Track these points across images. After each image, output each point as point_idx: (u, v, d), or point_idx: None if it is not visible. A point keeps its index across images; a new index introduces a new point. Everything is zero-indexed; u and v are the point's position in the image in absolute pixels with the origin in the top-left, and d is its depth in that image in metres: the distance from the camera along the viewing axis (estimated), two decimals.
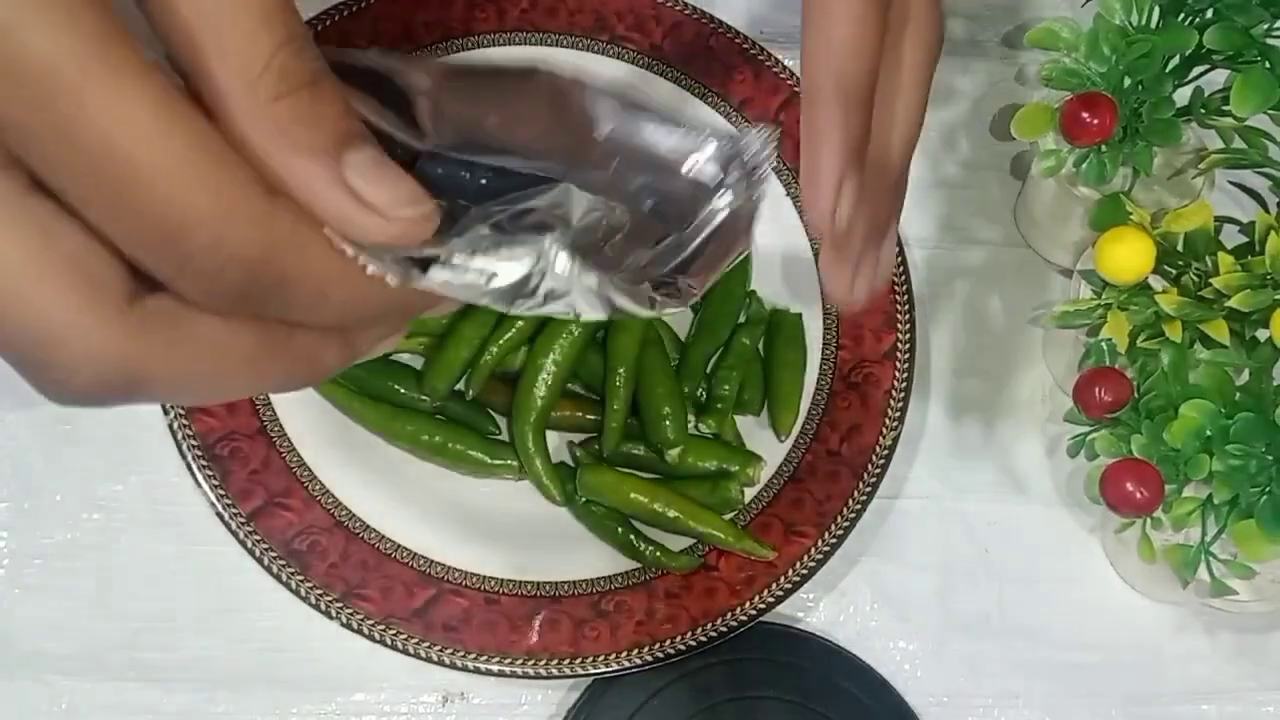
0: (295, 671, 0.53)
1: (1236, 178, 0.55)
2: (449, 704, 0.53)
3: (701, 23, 0.61)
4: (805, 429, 0.57)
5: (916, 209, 0.64)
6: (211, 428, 0.53)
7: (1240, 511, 0.46)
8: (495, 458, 0.55)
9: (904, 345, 0.58)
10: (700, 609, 0.53)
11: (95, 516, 0.53)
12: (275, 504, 0.52)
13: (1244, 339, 0.49)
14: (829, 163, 0.36)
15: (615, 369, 0.55)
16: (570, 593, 0.53)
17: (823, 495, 0.55)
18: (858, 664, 0.54)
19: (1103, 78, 0.52)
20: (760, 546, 0.53)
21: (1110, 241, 0.50)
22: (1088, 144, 0.52)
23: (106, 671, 0.52)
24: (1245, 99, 0.47)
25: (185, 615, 0.53)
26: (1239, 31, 0.48)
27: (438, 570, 0.53)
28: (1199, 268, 0.50)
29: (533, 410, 0.54)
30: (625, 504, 0.54)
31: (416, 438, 0.54)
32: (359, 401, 0.54)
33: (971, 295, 0.63)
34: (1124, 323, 0.50)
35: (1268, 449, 0.46)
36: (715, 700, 0.52)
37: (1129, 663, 0.57)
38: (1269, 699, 0.57)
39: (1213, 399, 0.47)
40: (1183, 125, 0.53)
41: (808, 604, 0.56)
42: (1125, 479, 0.46)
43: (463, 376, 0.55)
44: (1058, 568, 0.58)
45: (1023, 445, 0.60)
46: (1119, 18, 0.52)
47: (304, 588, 0.51)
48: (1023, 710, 0.56)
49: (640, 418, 0.55)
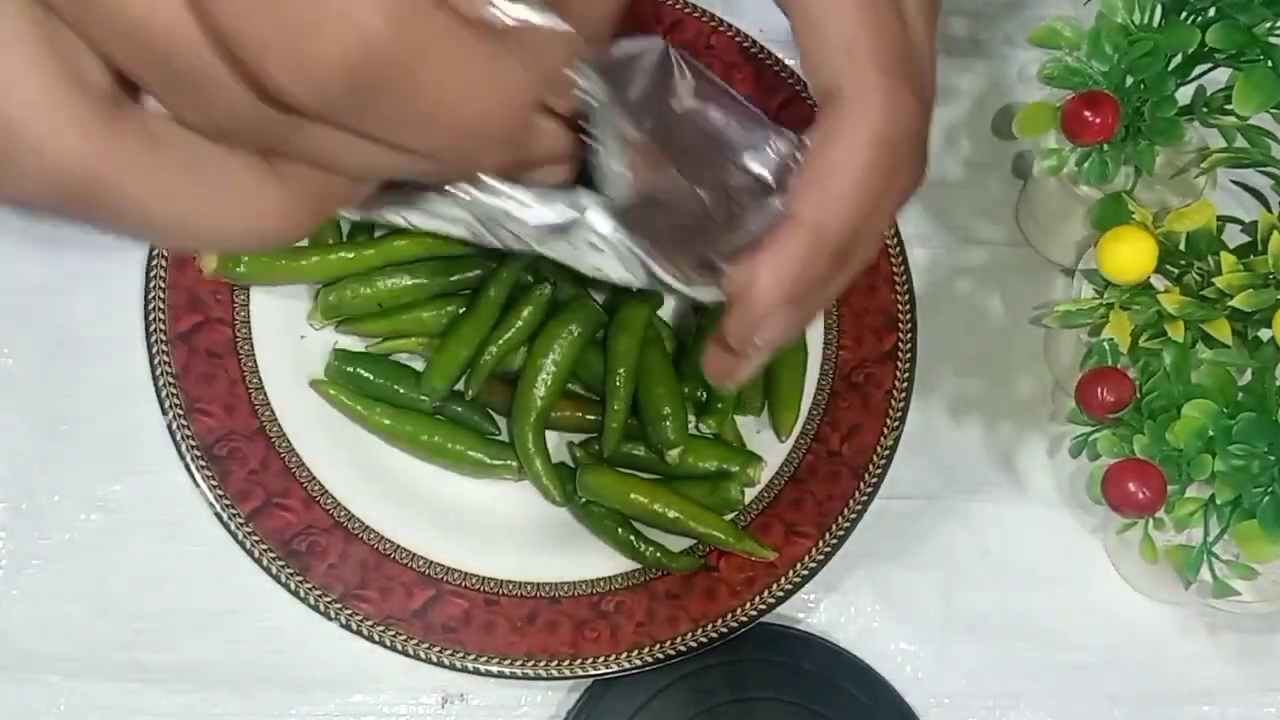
0: (295, 672, 0.52)
1: (1239, 177, 0.54)
2: (448, 705, 0.53)
3: (701, 21, 0.61)
4: (806, 429, 0.57)
5: (918, 208, 0.64)
6: (210, 428, 0.53)
7: (1243, 512, 0.46)
8: (495, 458, 0.55)
9: (905, 345, 0.57)
10: (700, 610, 0.53)
11: (94, 517, 0.53)
12: (274, 504, 0.52)
13: (1246, 339, 0.49)
14: (770, 292, 0.34)
15: (615, 369, 0.55)
16: (570, 593, 0.53)
17: (823, 495, 0.55)
18: (858, 664, 0.54)
19: (1105, 76, 0.52)
20: (761, 547, 0.53)
21: (1112, 241, 0.49)
22: (1090, 143, 0.52)
23: (106, 671, 0.51)
24: (1248, 98, 0.47)
25: (185, 616, 0.53)
26: (1241, 30, 0.48)
27: (437, 571, 0.53)
28: (1201, 267, 0.50)
29: (532, 410, 0.54)
30: (625, 505, 0.54)
31: (416, 438, 0.54)
32: (358, 402, 0.54)
33: (973, 295, 0.63)
34: (1126, 322, 0.50)
35: (1270, 449, 0.46)
36: (716, 701, 0.52)
37: (1131, 663, 0.57)
38: (1271, 700, 0.57)
39: (1215, 399, 0.47)
40: (1185, 124, 0.52)
41: (808, 604, 0.56)
42: (1127, 479, 0.46)
43: (462, 376, 0.55)
44: (1059, 568, 0.58)
45: (1024, 445, 0.60)
46: (1121, 16, 0.51)
47: (303, 588, 0.51)
48: (1024, 711, 0.56)
49: (640, 418, 0.55)
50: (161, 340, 0.53)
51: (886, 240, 0.59)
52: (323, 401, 0.55)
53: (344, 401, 0.54)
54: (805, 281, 0.34)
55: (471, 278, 0.56)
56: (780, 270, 0.33)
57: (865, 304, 0.58)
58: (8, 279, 0.56)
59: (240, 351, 0.54)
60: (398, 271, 0.55)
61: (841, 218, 0.33)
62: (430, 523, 0.54)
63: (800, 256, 0.33)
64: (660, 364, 0.56)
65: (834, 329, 0.58)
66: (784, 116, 0.60)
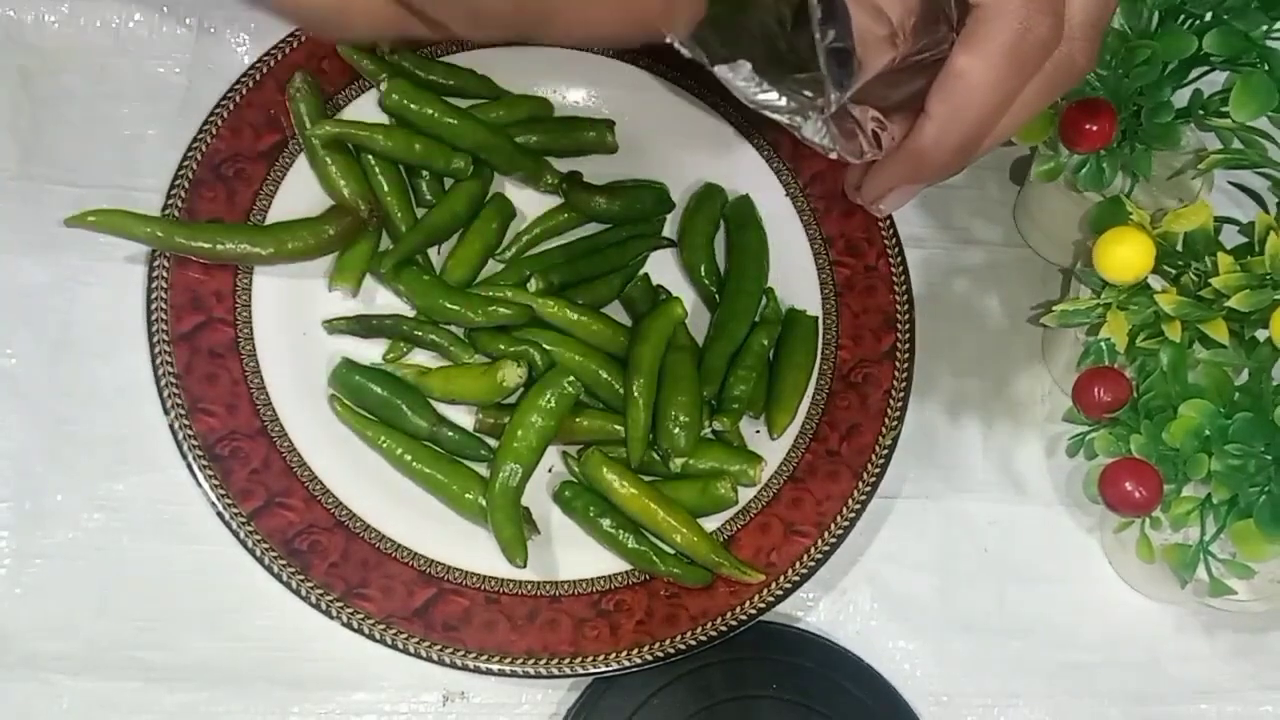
0: (295, 671, 0.53)
1: (1236, 178, 0.55)
2: (449, 703, 0.53)
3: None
4: (805, 428, 0.57)
5: (916, 209, 0.64)
6: (212, 427, 0.53)
7: (1239, 511, 0.47)
8: (466, 508, 0.54)
9: (903, 345, 0.58)
10: (700, 608, 0.53)
11: (96, 516, 0.53)
12: (276, 503, 0.52)
13: (1243, 339, 0.49)
14: (888, 177, 0.44)
15: (635, 378, 0.55)
16: (570, 592, 0.53)
17: (822, 495, 0.55)
18: (858, 663, 0.54)
19: (1102, 82, 0.53)
20: (743, 572, 0.53)
21: (1110, 241, 0.50)
22: (1087, 150, 0.52)
23: (109, 670, 0.52)
24: (1244, 104, 0.47)
25: (185, 615, 0.53)
26: (1238, 35, 0.48)
27: (438, 570, 0.53)
28: (1198, 268, 0.50)
29: (511, 477, 0.53)
30: (602, 529, 0.54)
31: (403, 460, 0.54)
32: (366, 427, 0.54)
33: (971, 295, 0.63)
34: (1123, 322, 0.50)
35: (1266, 449, 0.46)
36: (715, 700, 0.52)
37: (1128, 662, 0.57)
38: (1267, 698, 0.57)
39: (1212, 399, 0.47)
40: (1182, 127, 0.53)
41: (807, 603, 0.56)
42: (1124, 478, 0.46)
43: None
44: (1057, 567, 0.58)
45: (1022, 445, 0.60)
46: (1118, 22, 0.52)
47: (304, 587, 0.51)
48: (1022, 709, 0.56)
49: (654, 418, 0.55)
50: (163, 340, 0.53)
51: (885, 240, 0.59)
52: (324, 402, 0.55)
53: (345, 415, 0.55)
54: (925, 167, 0.41)
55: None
56: (901, 155, 0.41)
57: (864, 304, 0.59)
58: (10, 279, 0.56)
59: (242, 351, 0.54)
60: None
61: (963, 120, 0.39)
62: (431, 522, 0.54)
63: (924, 145, 0.40)
64: (686, 371, 0.56)
65: (833, 329, 0.59)
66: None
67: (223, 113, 0.57)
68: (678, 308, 0.57)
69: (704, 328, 0.59)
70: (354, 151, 0.58)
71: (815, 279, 0.60)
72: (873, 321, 0.58)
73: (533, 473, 0.53)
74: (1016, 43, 0.37)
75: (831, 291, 0.59)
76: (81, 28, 0.61)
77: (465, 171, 0.58)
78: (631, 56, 0.62)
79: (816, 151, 0.38)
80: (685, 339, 0.57)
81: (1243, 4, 0.48)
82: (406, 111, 0.57)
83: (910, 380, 0.57)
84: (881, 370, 0.57)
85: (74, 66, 0.60)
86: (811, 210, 0.60)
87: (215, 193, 0.56)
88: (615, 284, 0.59)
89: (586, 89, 0.62)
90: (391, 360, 0.56)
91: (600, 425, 0.56)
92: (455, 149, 0.57)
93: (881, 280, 0.59)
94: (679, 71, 0.62)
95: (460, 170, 0.57)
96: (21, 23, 0.60)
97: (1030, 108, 0.40)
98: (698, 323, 0.59)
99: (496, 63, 0.61)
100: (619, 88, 0.62)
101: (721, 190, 0.61)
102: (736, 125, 0.62)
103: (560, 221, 0.60)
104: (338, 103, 0.59)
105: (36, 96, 0.59)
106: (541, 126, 0.60)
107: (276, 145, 0.57)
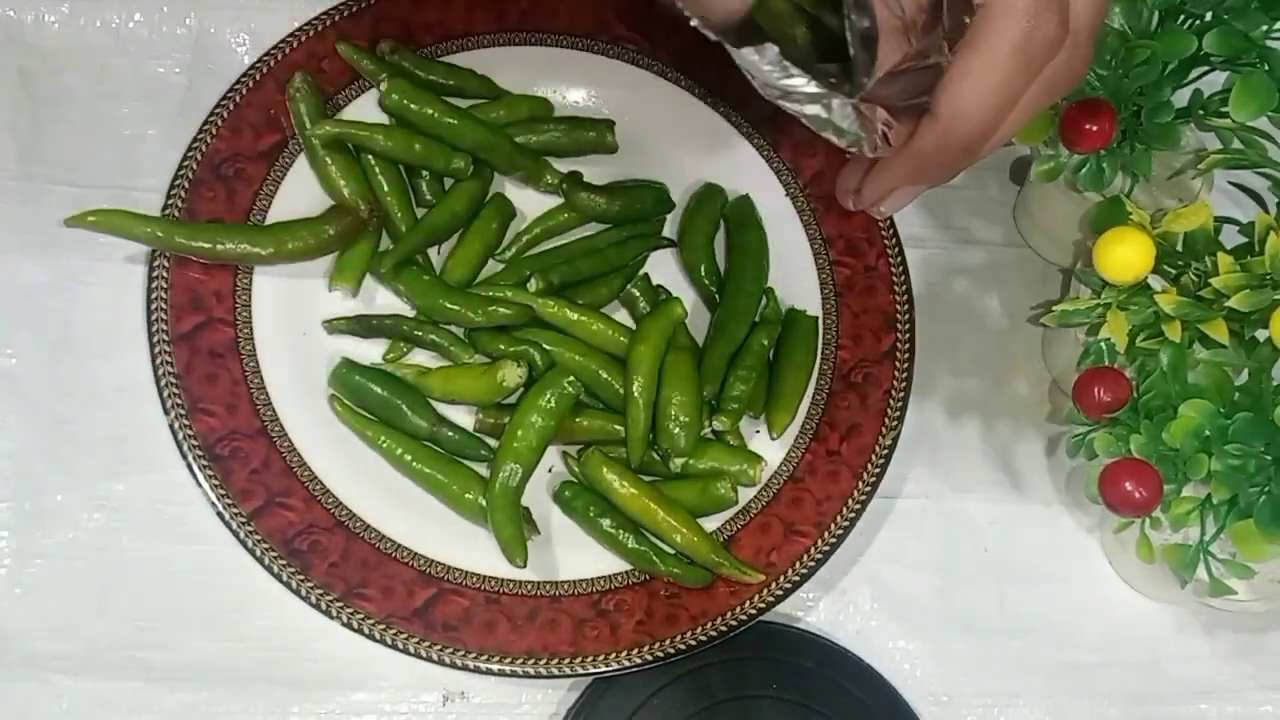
0: (295, 671, 0.53)
1: (1236, 178, 0.55)
2: (449, 703, 0.53)
3: None
4: (805, 428, 0.57)
5: (916, 209, 0.64)
6: (212, 427, 0.53)
7: (1239, 511, 0.47)
8: (466, 508, 0.54)
9: (903, 345, 0.58)
10: (700, 608, 0.53)
11: (96, 516, 0.53)
12: (276, 504, 0.52)
13: (1243, 339, 0.49)
14: (889, 178, 0.43)
15: (634, 378, 0.55)
16: (570, 592, 0.53)
17: (822, 495, 0.55)
18: (857, 663, 0.54)
19: (1102, 82, 0.53)
20: (743, 572, 0.53)
21: (1110, 241, 0.50)
22: (1087, 150, 0.52)
23: (106, 671, 0.52)
24: (1244, 104, 0.47)
25: (185, 615, 0.53)
26: (1238, 35, 0.48)
27: (438, 570, 0.53)
28: (1198, 268, 0.50)
29: (510, 477, 0.53)
30: (604, 530, 0.54)
31: (403, 460, 0.54)
32: (357, 418, 0.54)
33: (971, 295, 0.63)
34: (1123, 322, 0.50)
35: (1266, 449, 0.46)
36: (715, 700, 0.52)
37: (1128, 662, 0.57)
38: (1267, 698, 0.57)
39: (1212, 399, 0.47)
40: (1181, 127, 0.53)
41: (807, 603, 0.56)
42: (1124, 478, 0.46)
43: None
44: (1057, 567, 0.58)
45: (1022, 445, 0.60)
46: (1118, 22, 0.52)
47: (304, 587, 0.51)
48: (1022, 709, 0.56)
49: (654, 417, 0.55)
50: (163, 340, 0.53)
51: (885, 240, 0.59)
52: (324, 402, 0.55)
53: (346, 416, 0.55)
54: (929, 168, 0.41)
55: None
56: (905, 156, 0.41)
57: (864, 304, 0.59)
58: (10, 279, 0.56)
59: (242, 351, 0.54)
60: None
61: (969, 119, 0.38)
62: (431, 522, 0.54)
63: (928, 146, 0.40)
64: (686, 371, 0.56)
65: (833, 329, 0.59)
66: (781, 115, 0.60)
67: (223, 113, 0.57)
68: (678, 308, 0.57)
69: (704, 328, 0.59)
70: (354, 151, 0.58)
71: (815, 279, 0.60)
72: (873, 321, 0.58)
73: (533, 473, 0.53)
74: (1024, 42, 0.37)
75: (831, 291, 0.59)
76: (81, 28, 0.61)
77: (465, 171, 0.58)
78: (632, 56, 0.62)
79: (816, 151, 0.38)
80: (685, 339, 0.57)
81: (1243, 4, 0.48)
82: (406, 111, 0.57)
83: (910, 380, 0.57)
84: (881, 370, 0.57)
85: (74, 66, 0.60)
86: (811, 210, 0.60)
87: (215, 193, 0.56)
88: (615, 284, 0.59)
89: (586, 89, 0.62)
90: (391, 360, 0.56)
91: (600, 425, 0.56)
92: (455, 149, 0.57)
93: (881, 280, 0.59)
94: (679, 71, 0.62)
95: (460, 170, 0.57)
96: (21, 23, 0.60)
97: (1032, 109, 0.40)
98: (698, 323, 0.59)
99: (496, 63, 0.61)
100: (619, 88, 0.62)
101: (721, 190, 0.61)
102: (736, 125, 0.62)
103: (560, 221, 0.60)
104: (338, 103, 0.59)
105: (36, 96, 0.59)
106: (541, 126, 0.60)
107: (276, 145, 0.57)
